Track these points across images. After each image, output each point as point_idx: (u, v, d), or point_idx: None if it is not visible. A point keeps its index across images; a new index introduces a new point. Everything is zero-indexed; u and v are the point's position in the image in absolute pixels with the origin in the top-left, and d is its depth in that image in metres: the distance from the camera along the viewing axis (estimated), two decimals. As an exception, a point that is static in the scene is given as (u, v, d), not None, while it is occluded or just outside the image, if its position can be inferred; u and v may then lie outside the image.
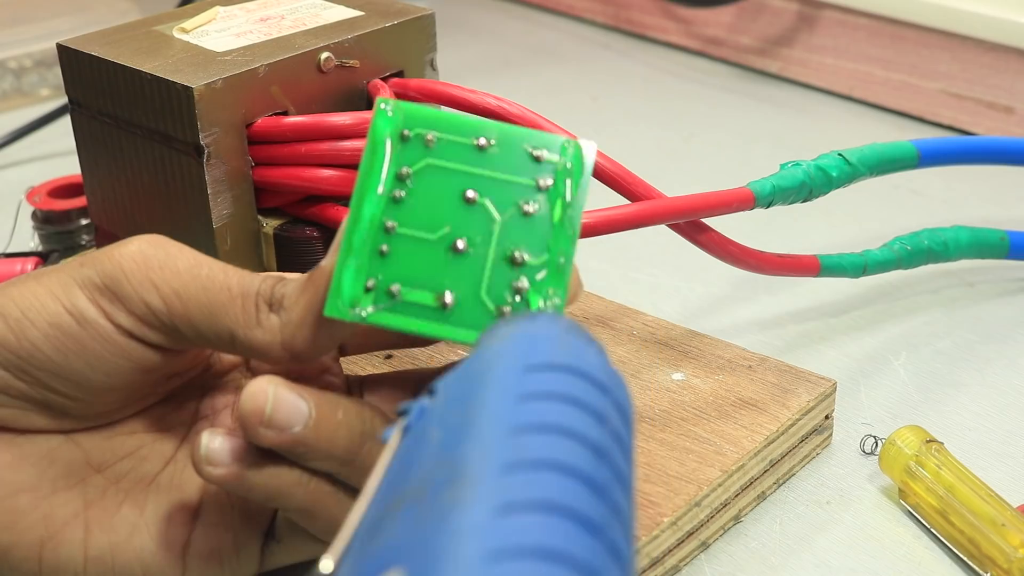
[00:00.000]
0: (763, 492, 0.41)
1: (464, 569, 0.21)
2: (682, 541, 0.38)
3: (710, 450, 0.40)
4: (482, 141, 0.32)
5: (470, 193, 0.32)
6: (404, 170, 0.32)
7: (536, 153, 0.32)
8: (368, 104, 0.47)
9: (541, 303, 0.32)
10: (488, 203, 0.32)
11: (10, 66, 0.76)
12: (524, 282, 0.32)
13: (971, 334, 0.51)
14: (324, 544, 0.33)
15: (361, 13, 0.48)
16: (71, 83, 0.47)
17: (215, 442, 0.33)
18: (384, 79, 0.47)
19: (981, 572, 0.37)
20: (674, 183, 0.56)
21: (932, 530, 0.40)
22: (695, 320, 0.51)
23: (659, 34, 0.84)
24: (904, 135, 0.69)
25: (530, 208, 0.32)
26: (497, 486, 0.23)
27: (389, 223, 0.32)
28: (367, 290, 0.31)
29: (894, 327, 0.51)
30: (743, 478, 0.40)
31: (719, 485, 0.39)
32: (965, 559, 0.38)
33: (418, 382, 0.36)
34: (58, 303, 0.33)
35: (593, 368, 0.27)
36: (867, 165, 0.47)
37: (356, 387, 0.37)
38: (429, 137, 0.32)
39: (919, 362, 0.49)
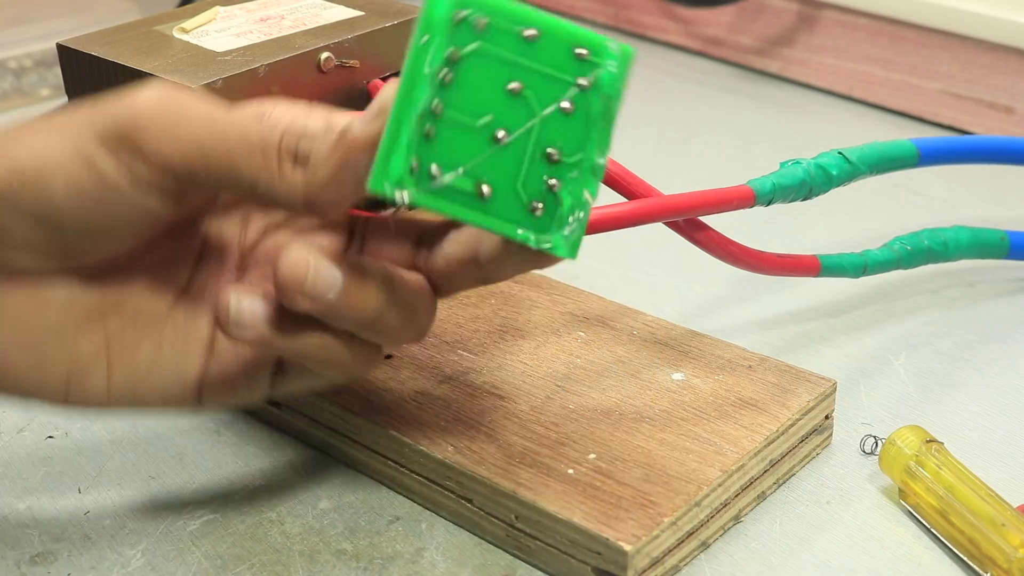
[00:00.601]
0: (763, 492, 0.41)
1: None
2: (682, 541, 0.38)
3: (710, 450, 0.40)
4: (530, 32, 0.32)
5: (514, 84, 0.32)
6: (454, 53, 0.32)
7: (580, 51, 0.33)
8: (368, 104, 0.47)
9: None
10: (531, 96, 0.32)
11: (10, 66, 0.75)
12: (556, 180, 0.32)
13: (971, 334, 0.51)
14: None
15: (361, 13, 0.48)
16: (71, 83, 0.47)
17: (243, 303, 0.34)
18: (384, 79, 0.47)
19: (981, 572, 0.37)
20: (674, 183, 0.56)
21: (932, 530, 0.40)
22: (695, 320, 0.51)
23: (659, 34, 0.84)
24: (904, 135, 0.68)
25: (569, 106, 0.32)
26: None
27: (436, 105, 0.32)
28: (411, 170, 0.32)
29: (894, 327, 0.51)
30: (743, 478, 0.40)
31: (719, 485, 0.39)
32: (965, 559, 0.38)
33: (420, 231, 0.37)
34: (77, 161, 0.33)
35: None
36: (867, 164, 0.47)
37: (360, 231, 0.38)
38: (481, 21, 0.32)
39: (919, 362, 0.49)
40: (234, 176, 0.33)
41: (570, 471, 0.39)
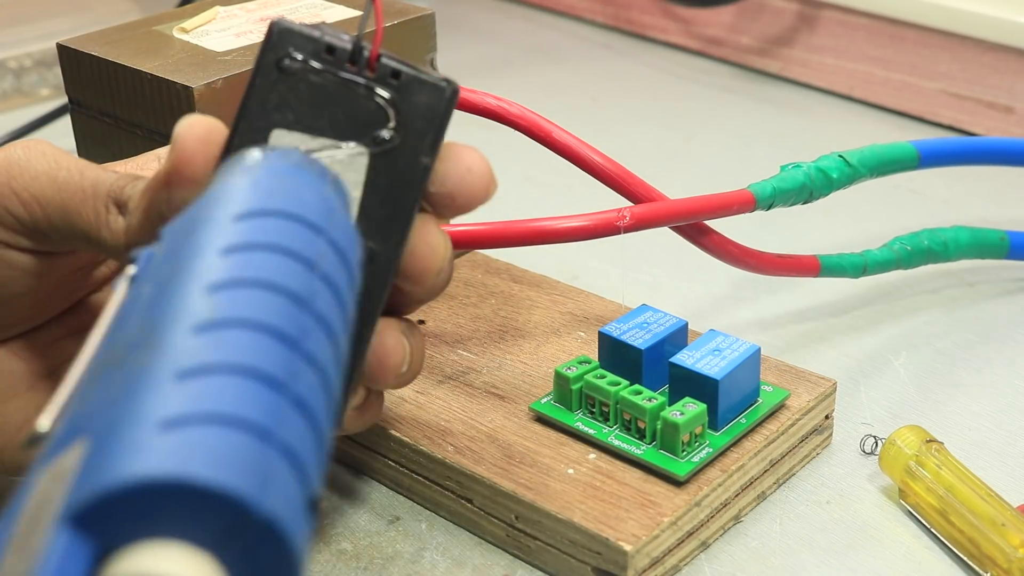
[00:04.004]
0: (763, 492, 0.41)
1: (139, 441, 0.20)
2: (682, 541, 0.38)
3: (710, 450, 0.40)
4: None
5: None
6: None
7: None
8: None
9: None
10: None
11: (10, 66, 0.75)
12: None
13: (971, 334, 0.51)
14: None
15: (361, 13, 0.48)
16: (71, 83, 0.47)
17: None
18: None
19: (981, 572, 0.37)
20: (674, 183, 0.56)
21: (932, 530, 0.40)
22: (695, 320, 0.51)
23: (659, 34, 0.84)
24: (904, 135, 0.69)
25: None
26: (183, 350, 0.22)
27: None
28: None
29: (894, 327, 0.51)
30: (743, 478, 0.40)
31: (719, 485, 0.39)
32: (965, 559, 0.38)
33: None
34: None
35: (307, 209, 0.26)
36: (867, 166, 0.47)
37: None
38: None
39: (919, 362, 0.49)
40: (71, 227, 0.33)
41: (570, 471, 0.39)
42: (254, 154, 0.29)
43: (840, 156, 0.46)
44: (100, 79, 0.45)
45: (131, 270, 0.27)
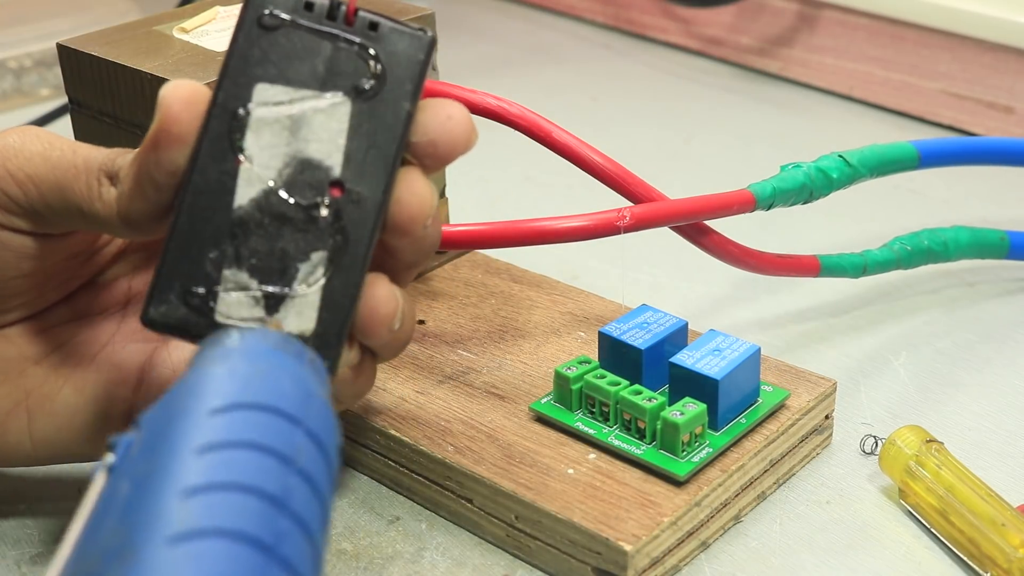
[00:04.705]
0: (763, 492, 0.41)
1: None
2: (682, 541, 0.38)
3: (710, 450, 0.40)
4: None
5: None
6: None
7: None
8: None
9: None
10: None
11: (10, 66, 0.75)
12: None
13: (971, 334, 0.51)
14: None
15: None
16: (71, 83, 0.47)
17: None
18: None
19: (981, 572, 0.37)
20: (674, 183, 0.56)
21: (932, 530, 0.40)
22: (695, 320, 0.51)
23: (659, 34, 0.84)
24: (904, 135, 0.69)
25: None
26: (159, 562, 0.22)
27: None
28: None
29: (894, 327, 0.51)
30: (743, 478, 0.40)
31: (719, 485, 0.39)
32: (965, 559, 0.38)
33: None
34: None
35: (284, 399, 0.26)
36: (867, 166, 0.47)
37: None
38: None
39: (919, 362, 0.49)
40: (65, 204, 0.34)
41: (570, 471, 0.39)
42: (232, 337, 0.29)
43: (840, 156, 0.46)
44: (100, 79, 0.45)
45: (109, 459, 0.27)
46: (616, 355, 0.41)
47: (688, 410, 0.39)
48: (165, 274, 0.32)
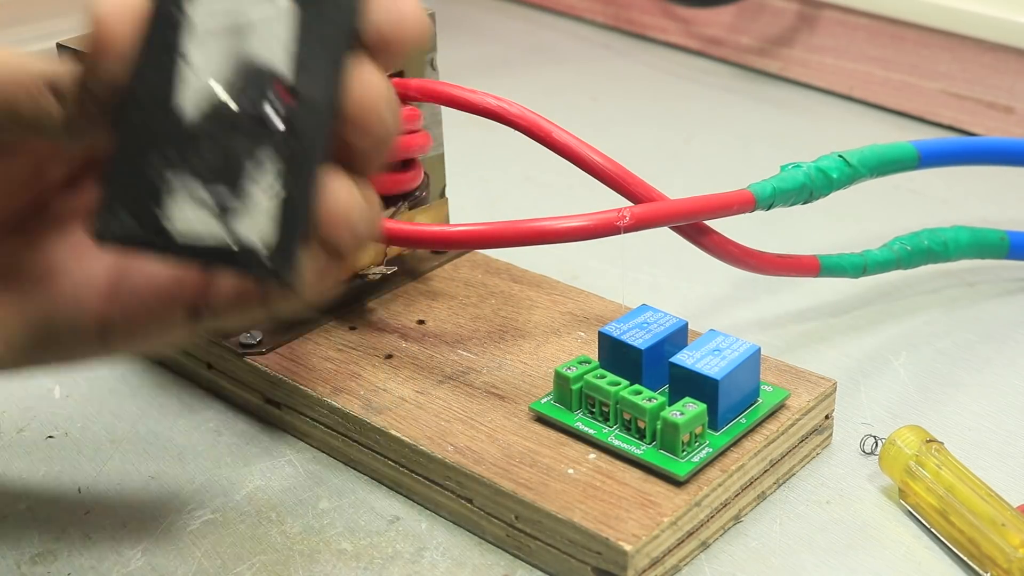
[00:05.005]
0: (763, 492, 0.41)
1: None
2: (682, 541, 0.38)
3: (710, 450, 0.40)
4: None
5: None
6: None
7: None
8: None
9: None
10: None
11: (10, 66, 0.75)
12: None
13: (971, 334, 0.51)
14: None
15: None
16: (71, 83, 0.47)
17: None
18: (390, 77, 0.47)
19: (981, 572, 0.37)
20: (674, 183, 0.56)
21: (932, 530, 0.40)
22: (695, 320, 0.51)
23: (659, 34, 0.84)
24: (904, 135, 0.69)
25: None
26: None
27: None
28: None
29: (894, 327, 0.51)
30: (743, 478, 0.40)
31: (719, 485, 0.39)
32: (965, 559, 0.38)
33: None
34: None
35: None
36: (867, 166, 0.47)
37: None
38: None
39: (919, 362, 0.49)
40: (5, 111, 0.34)
41: (570, 471, 0.39)
42: None
43: (840, 156, 0.46)
44: (100, 79, 0.45)
45: None
46: (616, 355, 0.41)
47: (688, 410, 0.39)
48: (110, 187, 0.31)
